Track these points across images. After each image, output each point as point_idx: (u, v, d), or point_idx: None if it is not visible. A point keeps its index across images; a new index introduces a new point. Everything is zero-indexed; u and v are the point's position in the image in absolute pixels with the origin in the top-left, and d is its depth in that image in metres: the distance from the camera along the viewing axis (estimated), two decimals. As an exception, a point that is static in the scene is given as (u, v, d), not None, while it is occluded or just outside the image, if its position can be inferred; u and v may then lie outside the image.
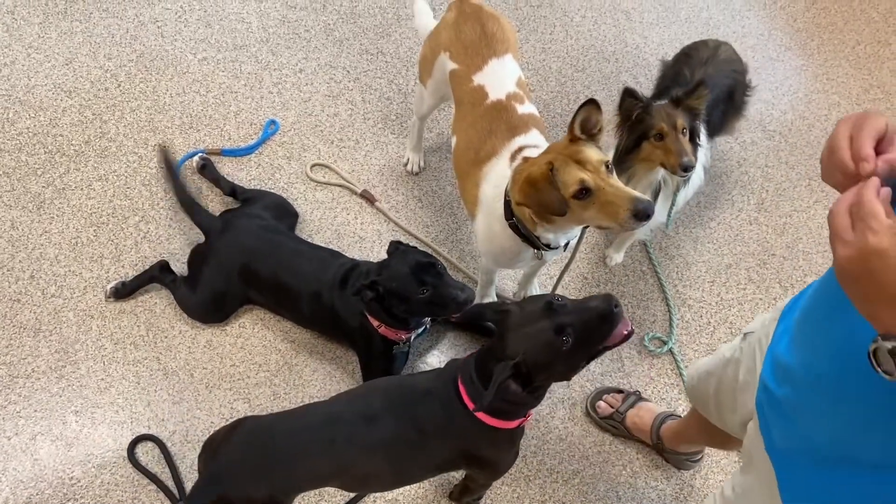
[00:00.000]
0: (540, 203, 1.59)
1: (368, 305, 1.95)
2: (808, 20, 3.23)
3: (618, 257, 2.49)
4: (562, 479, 2.09)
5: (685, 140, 1.92)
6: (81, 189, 2.43)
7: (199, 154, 2.48)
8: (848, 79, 3.05)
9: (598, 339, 1.41)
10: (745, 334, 1.46)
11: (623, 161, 2.00)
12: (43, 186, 2.42)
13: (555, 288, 2.19)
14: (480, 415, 1.50)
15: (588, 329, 1.38)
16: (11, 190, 2.40)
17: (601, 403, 2.17)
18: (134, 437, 2.03)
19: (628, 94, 1.91)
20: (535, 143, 1.83)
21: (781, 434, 1.15)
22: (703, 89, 1.91)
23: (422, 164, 2.58)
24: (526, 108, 1.92)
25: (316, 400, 2.12)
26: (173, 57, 2.75)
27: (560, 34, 3.01)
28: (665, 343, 2.34)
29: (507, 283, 2.41)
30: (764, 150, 2.81)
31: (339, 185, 2.53)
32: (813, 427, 1.07)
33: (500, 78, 1.94)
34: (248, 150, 2.56)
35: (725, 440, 1.75)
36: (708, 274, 2.51)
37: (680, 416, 2.08)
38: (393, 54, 2.85)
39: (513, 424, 1.54)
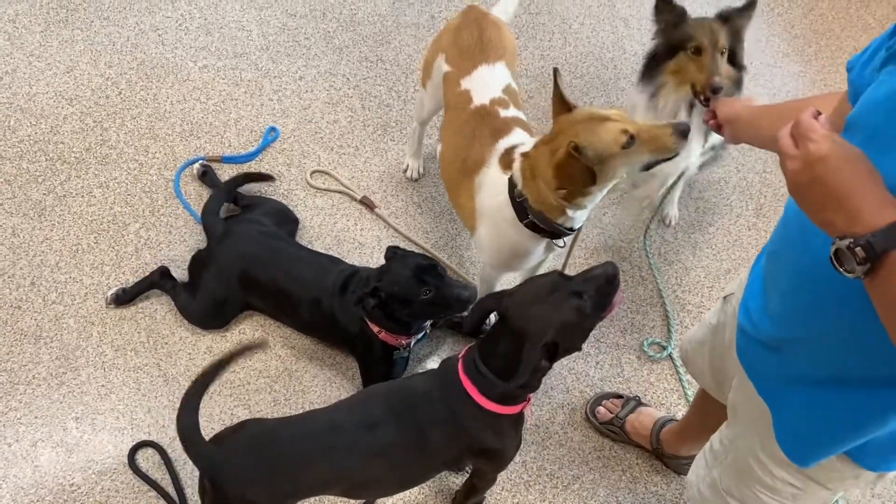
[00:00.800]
0: (578, 180, 1.64)
1: (371, 312, 1.96)
2: (805, 26, 3.25)
3: (673, 212, 2.54)
4: (561, 484, 2.09)
5: (722, 61, 1.88)
6: (82, 196, 2.44)
7: (200, 161, 2.49)
8: (845, 84, 3.06)
9: (606, 303, 1.52)
10: (725, 297, 1.50)
11: (653, 71, 1.97)
12: (44, 193, 2.43)
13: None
14: (486, 403, 1.52)
15: (600, 292, 1.49)
16: (13, 197, 2.41)
17: (601, 409, 2.18)
18: (134, 443, 2.03)
19: (662, 1, 1.88)
20: (519, 141, 1.85)
21: (769, 370, 1.20)
22: (752, 9, 1.87)
23: (421, 170, 2.59)
24: (510, 112, 1.93)
25: (316, 406, 2.13)
26: (174, 65, 2.76)
27: (559, 41, 3.02)
28: (664, 348, 2.34)
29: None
30: (762, 155, 2.82)
31: (339, 192, 2.54)
32: (796, 355, 1.13)
33: (486, 83, 1.95)
34: (249, 157, 2.57)
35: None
36: (707, 279, 2.51)
37: (679, 421, 2.08)
38: (392, 62, 2.87)
39: (516, 409, 1.57)
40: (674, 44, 1.91)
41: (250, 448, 1.59)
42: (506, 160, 1.82)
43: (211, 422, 2.09)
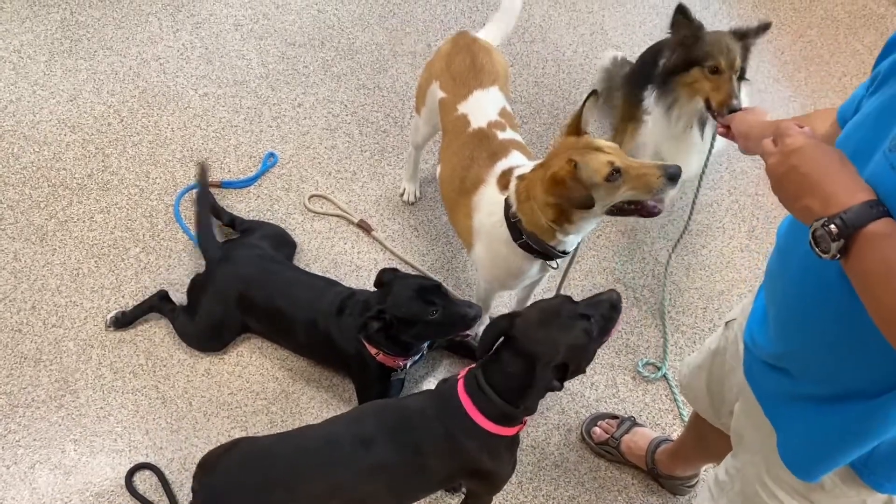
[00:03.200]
0: (570, 199, 1.66)
1: (373, 336, 1.97)
2: (795, 53, 3.31)
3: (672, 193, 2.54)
4: (558, 504, 2.10)
5: (737, 82, 1.92)
6: (83, 221, 2.48)
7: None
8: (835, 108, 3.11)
9: (609, 327, 1.59)
10: (726, 323, 1.51)
11: (666, 83, 1.99)
12: (46, 219, 2.47)
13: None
14: (484, 422, 1.54)
15: (604, 317, 1.56)
16: (15, 222, 2.45)
17: (596, 429, 2.18)
18: (132, 465, 2.04)
19: (679, 11, 1.91)
20: (517, 163, 1.89)
21: (773, 388, 1.21)
22: (766, 29, 1.90)
23: (418, 194, 2.63)
24: (507, 134, 1.98)
25: (313, 427, 2.15)
26: (175, 93, 2.82)
27: (552, 68, 3.08)
28: (659, 369, 2.36)
29: (500, 310, 2.44)
30: (754, 178, 2.86)
31: (337, 216, 2.58)
32: (795, 369, 1.13)
33: (482, 107, 2.00)
34: (248, 182, 2.61)
35: (723, 452, 1.77)
36: (700, 300, 2.54)
37: (673, 442, 2.09)
38: (389, 89, 2.92)
39: (512, 431, 1.58)
40: (691, 59, 1.94)
41: (244, 468, 1.60)
42: (503, 181, 1.86)
43: (209, 444, 2.10)
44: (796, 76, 3.22)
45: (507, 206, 1.81)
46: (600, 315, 1.56)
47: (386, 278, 2.00)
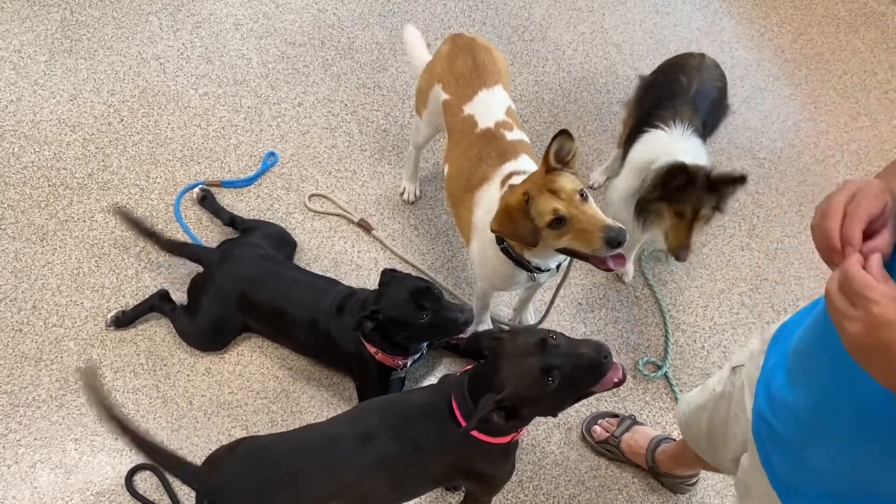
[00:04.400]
0: (514, 233, 1.65)
1: (369, 335, 1.98)
2: (795, 51, 3.31)
3: (630, 269, 2.53)
4: None
5: (699, 226, 1.95)
6: (84, 221, 2.48)
7: (199, 186, 2.53)
8: (835, 107, 3.12)
9: (584, 385, 1.45)
10: (733, 368, 1.45)
11: (642, 206, 2.03)
12: (46, 218, 2.47)
13: (547, 312, 2.22)
14: (473, 431, 1.52)
15: (575, 374, 1.41)
16: (15, 222, 2.45)
17: (596, 428, 2.19)
18: (132, 466, 2.04)
19: (681, 171, 1.89)
20: (524, 168, 1.89)
21: (788, 470, 1.14)
22: (741, 183, 1.91)
23: (418, 193, 2.63)
24: (515, 134, 1.98)
25: (313, 426, 2.15)
26: (175, 92, 2.82)
27: (552, 67, 3.08)
28: (660, 367, 2.36)
29: (502, 309, 2.44)
30: (754, 177, 2.86)
31: (337, 215, 2.58)
32: (825, 462, 1.05)
33: (489, 107, 2.00)
34: (248, 182, 2.61)
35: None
36: (701, 299, 2.54)
37: (675, 440, 2.09)
38: (389, 88, 2.92)
39: (505, 440, 1.57)
40: (664, 194, 1.97)
41: (248, 467, 1.60)
42: (505, 182, 1.86)
43: (209, 443, 2.10)
44: (797, 74, 3.21)
45: None
46: (572, 369, 1.41)
47: (384, 279, 2.01)
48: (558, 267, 1.93)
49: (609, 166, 2.69)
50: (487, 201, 1.88)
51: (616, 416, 2.21)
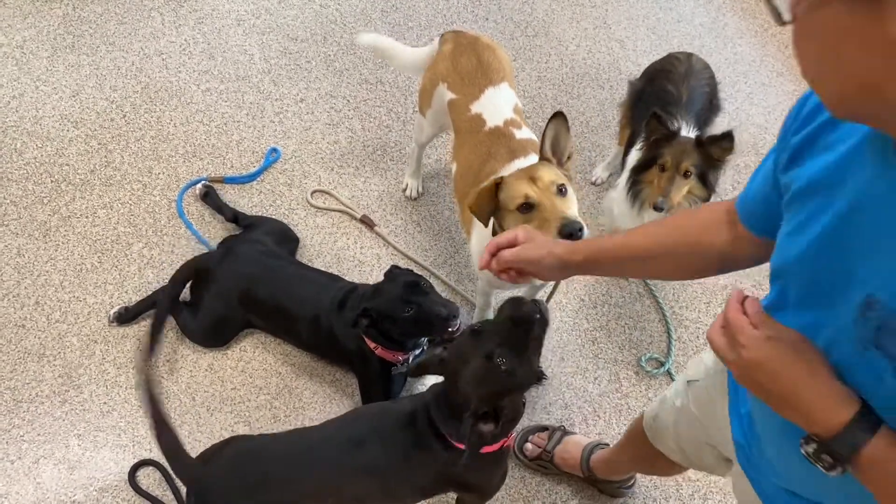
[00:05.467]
0: (477, 212, 1.71)
1: (366, 331, 1.99)
2: (799, 46, 3.29)
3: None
4: None
5: (681, 182, 1.98)
6: (86, 217, 2.48)
7: (202, 182, 2.53)
8: (839, 103, 3.10)
9: (526, 340, 1.41)
10: (688, 382, 1.44)
11: (636, 180, 2.06)
12: (49, 214, 2.47)
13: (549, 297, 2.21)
14: (456, 442, 1.52)
15: (513, 340, 1.39)
16: (18, 218, 2.45)
17: (528, 446, 2.14)
18: (135, 461, 2.04)
19: (654, 117, 1.97)
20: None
21: (773, 488, 1.12)
22: (728, 142, 1.93)
23: (420, 189, 2.62)
24: (523, 133, 1.99)
25: (315, 422, 2.14)
26: (177, 88, 2.82)
27: (555, 63, 3.07)
28: (663, 364, 2.35)
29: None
30: (751, 173, 2.84)
31: (339, 211, 2.58)
32: (797, 484, 1.05)
33: (497, 105, 2.00)
34: (250, 178, 2.61)
35: (666, 469, 1.76)
36: (704, 295, 2.53)
37: (608, 445, 2.06)
38: (392, 84, 2.92)
39: (496, 447, 1.56)
40: (650, 157, 2.02)
41: (237, 465, 1.61)
42: None
43: (212, 439, 2.10)
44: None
45: None
46: (506, 340, 1.39)
47: (386, 274, 2.01)
48: None
49: (611, 162, 2.69)
50: None
51: (545, 428, 2.17)
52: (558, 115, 1.67)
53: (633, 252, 1.22)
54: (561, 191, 1.65)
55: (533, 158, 1.92)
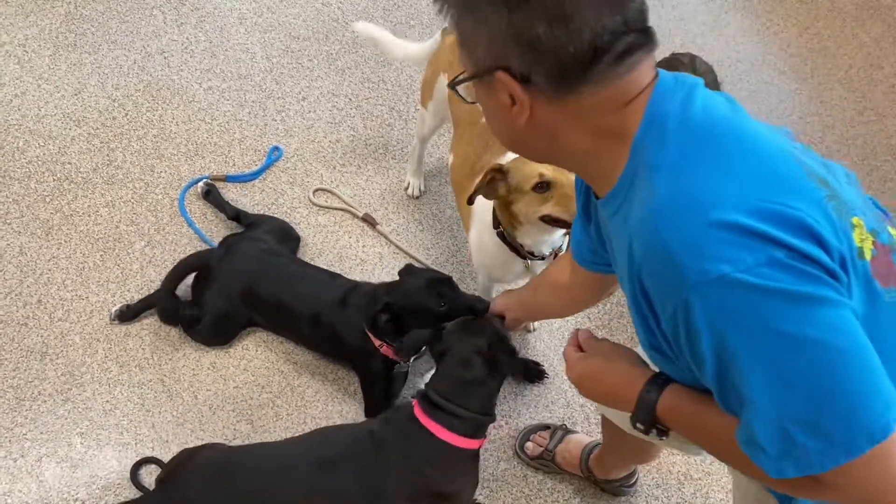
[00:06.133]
0: (478, 188, 1.73)
1: (382, 328, 1.96)
2: (801, 45, 3.29)
3: None
4: None
5: None
6: (89, 215, 2.48)
7: (204, 180, 2.53)
8: (841, 101, 3.10)
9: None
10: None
11: None
12: (51, 213, 2.47)
13: None
14: (455, 440, 1.56)
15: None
16: (20, 216, 2.45)
17: (529, 444, 2.13)
18: (137, 459, 2.04)
19: None
20: None
21: None
22: None
23: (422, 188, 2.63)
24: None
25: (318, 420, 2.15)
26: (179, 86, 2.82)
27: (557, 61, 3.07)
28: (664, 362, 2.35)
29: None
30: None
31: (341, 210, 2.58)
32: None
33: None
34: (252, 176, 2.61)
35: (640, 456, 1.86)
36: (706, 294, 2.53)
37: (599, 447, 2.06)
38: (394, 82, 2.92)
39: (475, 444, 1.60)
40: None
41: (207, 481, 1.62)
42: None
43: (214, 437, 2.11)
44: (802, 69, 3.20)
45: None
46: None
47: (401, 273, 2.02)
48: (554, 256, 1.93)
49: None
50: None
51: (547, 427, 2.16)
52: None
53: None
54: None
55: None
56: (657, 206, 0.87)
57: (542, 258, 1.89)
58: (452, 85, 1.04)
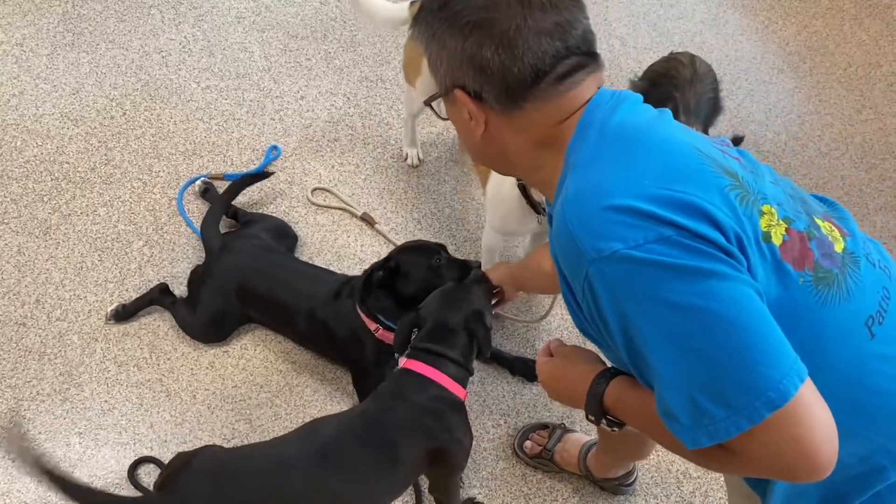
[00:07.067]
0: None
1: (373, 299, 2.00)
2: (799, 43, 3.29)
3: None
4: None
5: None
6: (87, 215, 2.48)
7: (202, 179, 2.53)
8: (840, 100, 3.10)
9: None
10: None
11: None
12: (49, 213, 2.47)
13: (552, 305, 2.21)
14: (441, 377, 1.64)
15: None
16: (18, 216, 2.45)
17: (528, 443, 2.14)
18: (135, 459, 2.04)
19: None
20: None
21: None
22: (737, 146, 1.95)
23: (420, 156, 2.68)
24: None
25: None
26: (177, 86, 2.81)
27: (556, 59, 3.07)
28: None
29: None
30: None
31: (340, 209, 2.58)
32: None
33: None
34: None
35: (634, 452, 1.89)
36: (705, 292, 2.53)
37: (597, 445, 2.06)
38: (392, 81, 2.91)
39: (463, 393, 1.68)
40: None
41: (207, 484, 1.61)
42: None
43: (213, 437, 2.11)
44: (801, 67, 3.20)
45: None
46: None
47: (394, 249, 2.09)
48: None
49: None
50: None
51: (546, 426, 2.17)
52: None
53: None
54: None
55: None
56: (566, 198, 0.97)
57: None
58: (427, 103, 1.16)
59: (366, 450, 1.60)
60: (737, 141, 1.94)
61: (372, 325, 2.02)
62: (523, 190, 1.90)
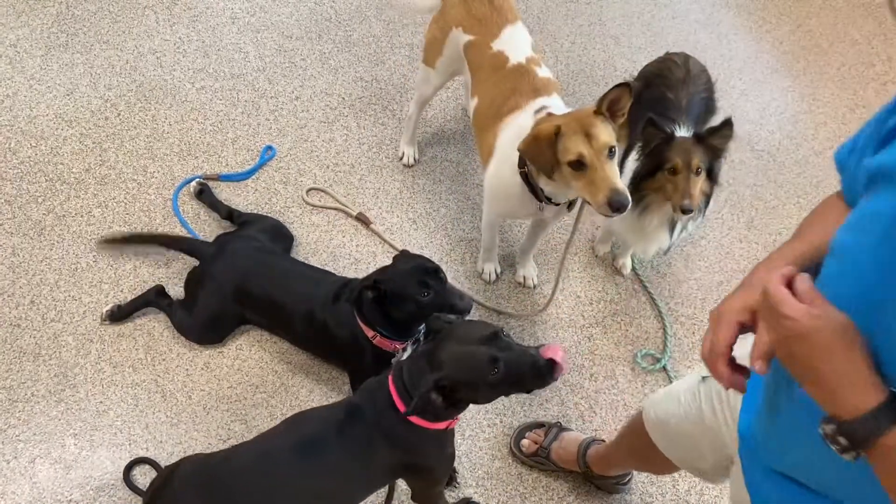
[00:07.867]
0: (534, 158, 1.81)
1: (367, 312, 1.96)
2: (793, 42, 3.30)
3: (603, 248, 2.58)
4: None
5: (696, 180, 1.96)
6: (81, 216, 2.47)
7: (197, 179, 2.52)
8: (833, 99, 3.11)
9: (523, 385, 1.51)
10: (703, 378, 1.42)
11: (639, 188, 2.04)
12: (44, 213, 2.46)
13: (561, 264, 2.22)
14: (412, 417, 1.55)
15: (518, 372, 1.48)
16: (13, 217, 2.44)
17: (524, 441, 2.15)
18: (130, 460, 2.04)
19: (649, 123, 1.98)
20: (557, 105, 1.98)
21: (762, 473, 1.13)
22: (728, 129, 1.95)
23: (416, 157, 2.68)
24: (543, 71, 2.08)
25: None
26: (172, 86, 2.81)
27: (550, 59, 3.07)
28: (658, 360, 2.36)
29: (508, 251, 2.44)
30: (753, 169, 2.86)
31: (335, 209, 2.58)
32: (801, 466, 1.04)
33: (517, 43, 2.12)
34: (245, 176, 2.60)
35: (661, 467, 1.76)
36: (699, 291, 2.54)
37: (603, 441, 2.07)
38: (387, 81, 2.92)
39: (441, 426, 1.59)
40: (654, 164, 2.00)
41: (195, 494, 1.61)
42: (538, 113, 1.94)
43: (209, 437, 2.11)
44: (795, 66, 3.21)
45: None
46: (514, 368, 1.47)
47: (395, 258, 2.02)
48: (569, 207, 2.03)
49: None
50: (516, 126, 1.96)
51: (542, 425, 2.17)
52: (624, 85, 1.73)
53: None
54: (611, 152, 1.73)
55: (556, 99, 2.02)
56: None
57: (557, 205, 1.98)
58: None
59: (343, 443, 1.60)
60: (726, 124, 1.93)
61: (370, 333, 2.02)
62: (525, 178, 1.92)
